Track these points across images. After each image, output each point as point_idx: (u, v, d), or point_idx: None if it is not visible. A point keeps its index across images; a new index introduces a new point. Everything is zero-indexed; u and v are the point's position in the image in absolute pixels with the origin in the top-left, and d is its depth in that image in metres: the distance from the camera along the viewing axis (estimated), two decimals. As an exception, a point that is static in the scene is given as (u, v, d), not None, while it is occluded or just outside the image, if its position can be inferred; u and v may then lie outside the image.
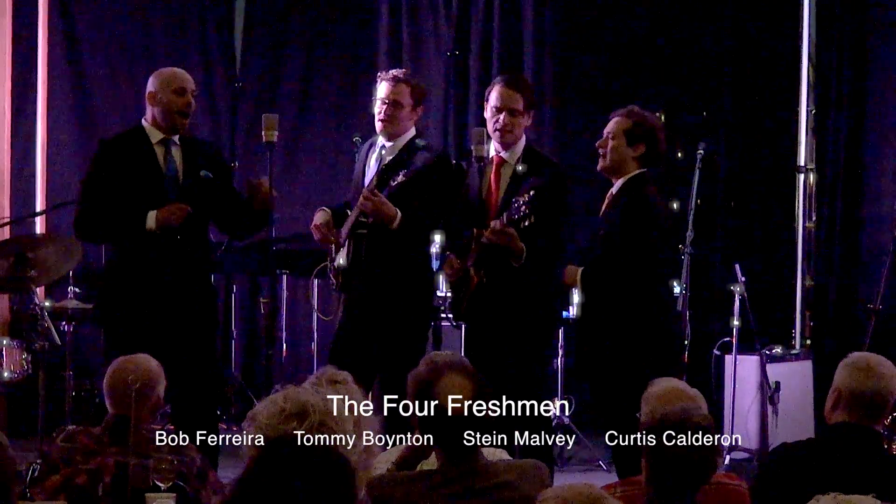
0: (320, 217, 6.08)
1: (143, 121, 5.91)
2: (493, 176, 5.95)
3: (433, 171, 5.94)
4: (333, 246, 6.08)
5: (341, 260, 6.05)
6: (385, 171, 5.95)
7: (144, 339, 5.32)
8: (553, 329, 5.96)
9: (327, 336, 7.04)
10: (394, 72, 6.15)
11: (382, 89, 6.05)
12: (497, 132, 5.91)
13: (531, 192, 5.61)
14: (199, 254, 5.93)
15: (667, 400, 3.84)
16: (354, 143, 6.34)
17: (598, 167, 5.79)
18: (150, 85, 5.88)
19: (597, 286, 5.69)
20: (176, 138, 5.88)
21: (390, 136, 6.06)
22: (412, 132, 6.09)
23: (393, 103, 6.02)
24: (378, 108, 6.06)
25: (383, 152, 6.06)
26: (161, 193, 5.80)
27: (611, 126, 5.75)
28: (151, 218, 5.71)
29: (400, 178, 5.86)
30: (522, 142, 5.97)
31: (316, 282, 8.11)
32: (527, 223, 5.59)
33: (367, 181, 6.03)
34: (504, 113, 5.89)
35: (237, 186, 6.13)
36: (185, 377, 5.78)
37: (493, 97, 5.94)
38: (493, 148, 5.99)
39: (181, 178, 5.85)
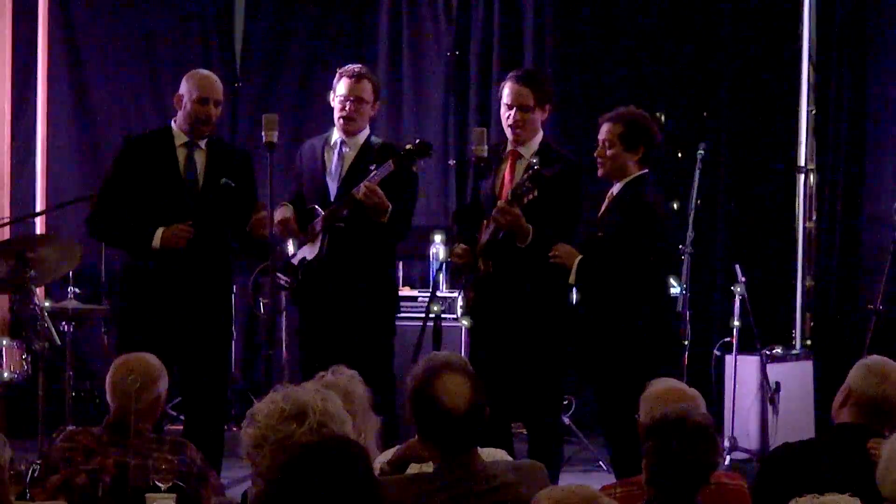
0: (285, 212, 6.03)
1: (172, 121, 5.92)
2: (507, 169, 5.95)
3: (403, 167, 5.93)
4: (292, 242, 6.06)
5: (306, 255, 6.06)
6: (352, 171, 5.98)
7: (159, 343, 5.32)
8: (564, 321, 5.91)
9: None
10: (354, 67, 6.13)
11: (344, 86, 6.04)
12: (509, 128, 5.91)
13: (534, 167, 5.61)
14: (219, 259, 5.93)
15: (666, 400, 3.84)
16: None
17: (599, 174, 5.78)
18: (181, 86, 5.91)
19: (592, 282, 5.68)
20: (202, 142, 5.88)
21: (350, 134, 6.07)
22: (367, 129, 6.13)
23: (357, 100, 6.02)
24: (340, 105, 6.05)
25: (345, 150, 6.08)
26: (177, 197, 5.80)
27: (604, 133, 5.73)
28: (157, 237, 5.71)
29: (378, 174, 5.84)
30: (539, 136, 5.96)
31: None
32: (530, 197, 5.58)
33: (331, 179, 6.05)
34: (515, 109, 5.89)
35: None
36: (196, 382, 5.81)
37: (505, 94, 5.94)
38: (509, 142, 5.98)
39: (200, 184, 5.85)
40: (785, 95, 8.67)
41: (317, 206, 6.07)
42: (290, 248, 6.37)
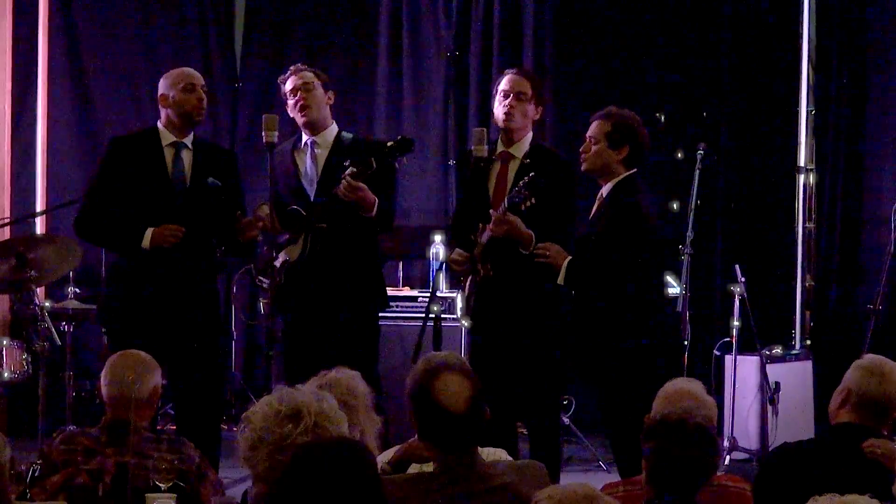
0: (265, 209, 5.97)
1: (158, 122, 5.91)
2: (500, 170, 5.95)
3: (385, 164, 5.92)
4: (275, 247, 6.02)
5: (284, 256, 6.04)
6: (327, 170, 5.96)
7: (147, 341, 5.32)
8: (563, 322, 5.92)
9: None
10: (291, 67, 6.18)
11: (289, 83, 6.10)
12: (504, 115, 5.91)
13: (531, 174, 5.61)
14: (203, 258, 5.92)
15: (672, 400, 3.84)
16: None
17: (582, 169, 5.80)
18: (161, 87, 5.90)
19: (581, 284, 5.68)
20: (189, 142, 5.88)
21: (313, 128, 6.08)
22: (334, 125, 6.14)
23: (303, 87, 6.05)
24: (291, 102, 6.09)
25: (317, 150, 6.07)
26: (165, 196, 5.80)
27: (592, 130, 5.75)
28: (147, 237, 5.71)
29: (359, 170, 5.83)
30: (529, 136, 5.97)
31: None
32: (528, 204, 5.58)
33: (307, 182, 6.03)
34: (512, 96, 5.90)
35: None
36: (187, 380, 5.81)
37: (503, 83, 5.95)
38: (500, 143, 5.98)
39: (188, 183, 5.85)
40: (785, 95, 8.68)
41: (298, 208, 6.04)
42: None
